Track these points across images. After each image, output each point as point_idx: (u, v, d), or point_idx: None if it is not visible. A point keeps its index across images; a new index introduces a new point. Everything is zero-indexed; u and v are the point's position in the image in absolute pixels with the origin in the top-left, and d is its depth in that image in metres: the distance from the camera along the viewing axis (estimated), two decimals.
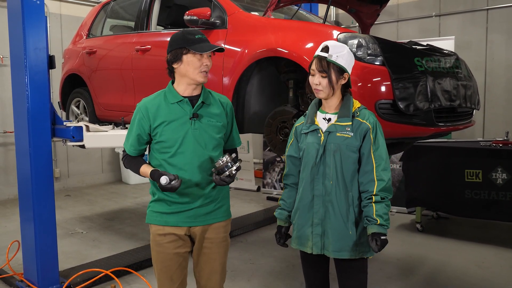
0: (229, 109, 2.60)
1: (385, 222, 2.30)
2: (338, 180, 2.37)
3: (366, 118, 2.38)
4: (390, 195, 2.36)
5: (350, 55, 2.42)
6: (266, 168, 8.05)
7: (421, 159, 5.42)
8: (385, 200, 2.32)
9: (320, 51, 2.39)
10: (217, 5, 3.81)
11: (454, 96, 3.13)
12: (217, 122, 2.50)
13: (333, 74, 2.36)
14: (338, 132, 2.37)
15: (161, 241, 2.50)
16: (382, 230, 2.29)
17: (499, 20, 6.71)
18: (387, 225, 2.30)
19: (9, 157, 7.62)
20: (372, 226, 2.30)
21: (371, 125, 2.36)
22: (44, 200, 3.80)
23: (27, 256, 3.96)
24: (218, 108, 2.53)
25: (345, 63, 2.37)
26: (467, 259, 4.68)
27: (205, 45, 2.41)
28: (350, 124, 2.37)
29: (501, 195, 4.87)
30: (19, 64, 3.72)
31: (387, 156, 2.38)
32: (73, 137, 4.13)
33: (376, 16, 4.35)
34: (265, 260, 4.69)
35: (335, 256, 2.40)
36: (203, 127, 2.45)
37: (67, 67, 5.45)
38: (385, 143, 2.39)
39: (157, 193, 2.51)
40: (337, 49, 2.37)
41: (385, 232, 2.30)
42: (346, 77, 2.40)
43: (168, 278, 2.53)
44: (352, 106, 2.41)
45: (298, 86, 3.32)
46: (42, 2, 3.70)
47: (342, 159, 2.36)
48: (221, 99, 2.60)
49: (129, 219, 6.39)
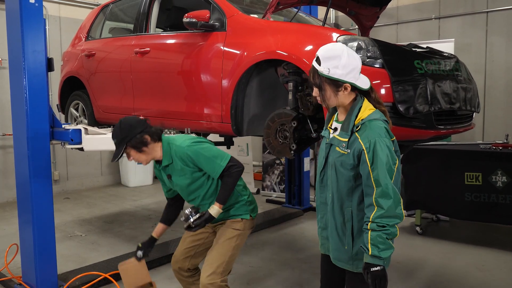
0: (187, 159, 2.87)
1: (380, 253, 2.06)
2: (334, 194, 2.27)
3: (364, 136, 2.13)
4: (392, 221, 2.07)
5: (351, 63, 2.16)
6: (265, 171, 8.04)
7: (421, 162, 5.41)
8: (385, 229, 2.06)
9: (314, 61, 2.20)
10: (216, 8, 3.80)
11: (454, 98, 3.12)
12: (183, 174, 2.91)
13: (327, 89, 2.18)
14: (337, 146, 2.23)
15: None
16: (375, 262, 2.08)
17: (499, 23, 6.71)
18: (382, 257, 2.07)
19: (8, 159, 7.61)
20: (365, 255, 2.12)
21: (365, 145, 2.11)
22: (43, 203, 3.79)
23: (25, 259, 3.95)
24: (178, 164, 2.90)
25: (341, 74, 2.13)
26: (467, 262, 4.67)
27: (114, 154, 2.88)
28: (346, 140, 2.18)
29: (501, 198, 4.86)
30: (17, 66, 3.71)
31: (389, 179, 2.08)
32: (72, 140, 4.11)
33: (375, 18, 4.35)
34: (264, 263, 4.67)
35: (335, 263, 2.38)
36: (175, 182, 2.98)
37: (66, 69, 5.44)
38: (387, 163, 2.09)
39: None
40: (331, 61, 2.14)
41: (380, 263, 2.08)
42: (348, 88, 2.18)
43: (183, 239, 3.22)
44: (355, 117, 2.18)
45: (297, 88, 3.31)
46: (40, 4, 3.69)
47: (337, 175, 2.23)
48: (177, 154, 2.89)
49: (129, 221, 6.37)
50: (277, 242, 5.34)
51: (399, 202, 2.09)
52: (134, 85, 4.47)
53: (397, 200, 2.08)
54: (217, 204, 2.84)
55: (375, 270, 2.08)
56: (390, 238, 2.08)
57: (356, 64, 2.19)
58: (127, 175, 8.87)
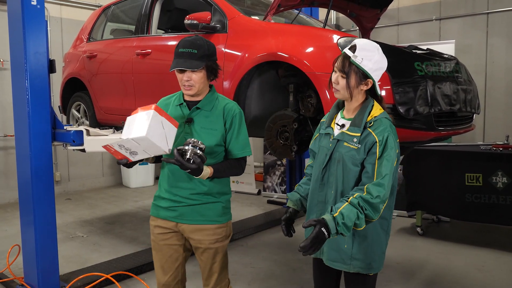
0: (230, 116, 2.53)
1: (342, 223, 1.98)
2: (338, 191, 2.23)
3: (378, 131, 2.13)
4: (372, 212, 2.04)
5: (382, 61, 2.19)
6: (266, 172, 8.05)
7: (421, 163, 5.42)
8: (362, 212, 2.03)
9: (348, 49, 2.19)
10: (218, 9, 3.82)
11: (454, 100, 3.13)
12: (212, 130, 2.49)
13: (353, 78, 2.16)
14: (346, 141, 2.21)
15: (153, 230, 2.65)
16: (331, 225, 1.97)
17: (499, 24, 6.72)
18: (338, 227, 1.98)
19: (9, 161, 7.62)
20: (327, 214, 2.05)
21: (378, 138, 2.12)
22: (45, 204, 3.79)
23: (27, 260, 3.96)
24: (217, 116, 2.52)
25: (371, 68, 2.14)
26: (468, 263, 4.67)
27: (180, 62, 2.41)
28: (358, 135, 2.17)
29: (501, 199, 4.87)
30: (19, 68, 3.72)
31: (389, 176, 2.09)
32: (74, 141, 4.13)
33: (376, 20, 4.36)
34: (265, 264, 4.68)
35: (329, 265, 2.33)
36: (195, 132, 2.49)
37: (67, 71, 5.46)
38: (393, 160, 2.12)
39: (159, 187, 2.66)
40: (366, 52, 2.15)
41: (332, 231, 1.97)
42: (369, 84, 2.19)
43: (160, 267, 2.66)
44: (368, 114, 2.19)
45: (298, 90, 3.32)
46: (42, 6, 3.70)
47: (343, 171, 2.20)
48: (227, 106, 2.55)
49: (130, 222, 6.38)
50: (278, 242, 5.35)
51: (384, 201, 2.08)
52: (135, 86, 4.48)
53: (385, 198, 2.08)
54: (210, 168, 2.41)
55: (323, 232, 1.97)
56: (355, 224, 2.03)
57: (384, 64, 2.22)
58: (129, 176, 8.88)
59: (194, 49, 2.40)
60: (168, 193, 2.58)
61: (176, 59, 2.43)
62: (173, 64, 2.42)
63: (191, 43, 2.43)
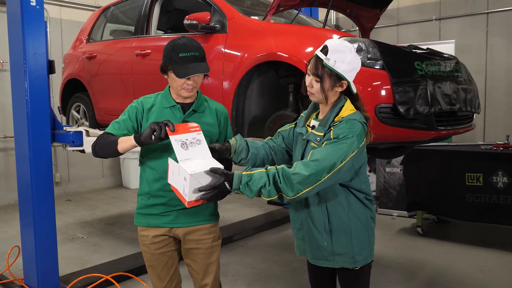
0: (223, 118, 2.55)
1: (245, 185, 2.00)
2: None
3: (336, 129, 2.09)
4: (285, 187, 1.99)
5: (355, 61, 2.14)
6: None
7: (421, 163, 5.42)
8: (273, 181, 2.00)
9: (319, 50, 2.14)
10: (217, 10, 3.81)
11: (454, 100, 3.12)
12: (207, 131, 2.44)
13: (327, 81, 2.12)
14: (312, 141, 2.19)
15: (145, 241, 2.58)
16: (235, 182, 2.00)
17: (499, 24, 6.72)
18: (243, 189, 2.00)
19: (9, 162, 7.62)
20: (240, 171, 2.06)
21: (333, 135, 2.07)
22: (44, 205, 3.79)
23: (27, 261, 3.95)
24: (211, 118, 2.51)
25: (344, 69, 2.10)
26: (468, 263, 4.67)
27: (191, 68, 2.32)
28: (322, 134, 2.15)
29: (501, 199, 4.86)
30: (18, 69, 3.71)
31: (323, 163, 1.99)
32: (73, 142, 4.12)
33: (376, 20, 4.35)
34: (266, 265, 4.68)
35: (314, 263, 2.35)
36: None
37: (67, 72, 5.45)
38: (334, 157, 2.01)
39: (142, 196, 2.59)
40: (338, 54, 2.09)
41: (235, 187, 2.00)
42: (344, 85, 2.15)
43: (156, 276, 2.63)
44: (335, 115, 2.16)
45: (298, 90, 3.32)
46: (41, 7, 3.70)
47: None
48: (217, 108, 2.57)
49: (130, 223, 6.37)
50: (279, 243, 5.35)
51: (305, 185, 1.99)
52: (135, 87, 4.48)
53: (306, 182, 1.99)
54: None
55: (225, 186, 1.99)
56: (262, 193, 2.01)
57: (357, 65, 2.18)
58: (128, 177, 8.88)
59: (196, 52, 2.35)
60: (156, 198, 2.51)
61: (180, 64, 2.32)
62: (183, 71, 2.31)
63: (191, 46, 2.35)
